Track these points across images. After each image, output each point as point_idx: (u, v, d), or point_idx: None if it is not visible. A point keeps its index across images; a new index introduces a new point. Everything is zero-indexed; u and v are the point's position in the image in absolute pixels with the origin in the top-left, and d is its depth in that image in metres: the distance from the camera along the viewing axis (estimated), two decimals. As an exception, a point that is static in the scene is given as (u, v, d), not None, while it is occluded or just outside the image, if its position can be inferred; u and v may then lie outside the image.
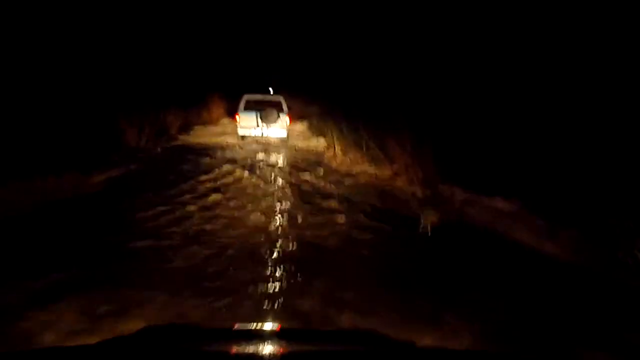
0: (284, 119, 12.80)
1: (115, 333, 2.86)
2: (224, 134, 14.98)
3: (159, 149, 11.31)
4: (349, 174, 9.42)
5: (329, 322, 3.57)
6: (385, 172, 9.20)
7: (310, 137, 15.05)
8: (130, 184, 7.98)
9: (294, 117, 15.40)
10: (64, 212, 6.13)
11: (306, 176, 9.09)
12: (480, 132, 8.61)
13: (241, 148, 12.35)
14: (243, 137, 12.91)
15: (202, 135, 14.62)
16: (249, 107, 12.78)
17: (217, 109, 19.99)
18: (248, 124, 12.70)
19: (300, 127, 17.95)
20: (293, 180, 8.69)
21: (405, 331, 3.45)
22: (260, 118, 12.58)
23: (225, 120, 19.04)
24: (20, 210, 6.02)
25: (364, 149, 10.28)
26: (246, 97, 13.00)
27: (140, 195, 7.04)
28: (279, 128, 12.78)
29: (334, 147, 11.65)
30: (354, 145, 10.88)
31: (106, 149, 9.50)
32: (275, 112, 12.64)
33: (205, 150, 11.57)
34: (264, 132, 12.73)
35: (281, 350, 1.40)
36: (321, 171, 9.66)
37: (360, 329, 3.36)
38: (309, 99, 22.47)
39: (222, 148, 12.08)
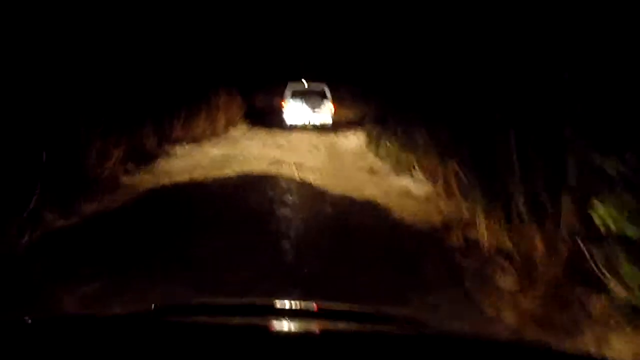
0: (329, 105, 13.44)
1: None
2: (229, 161, 8.16)
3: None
4: None
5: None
6: None
7: (386, 175, 7.79)
8: None
9: (338, 125, 13.56)
10: None
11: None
12: None
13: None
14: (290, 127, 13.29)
15: (176, 173, 7.29)
16: (294, 95, 13.47)
17: (226, 112, 13.26)
18: (295, 113, 13.40)
19: (353, 141, 11.13)
20: None
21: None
22: (306, 105, 13.26)
23: (238, 132, 12.40)
24: None
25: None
26: (290, 85, 13.72)
27: None
28: (324, 115, 13.38)
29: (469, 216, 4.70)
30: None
31: None
32: (319, 99, 13.29)
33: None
34: (310, 120, 13.35)
35: (318, 328, 1.32)
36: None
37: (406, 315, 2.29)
38: (356, 95, 15.71)
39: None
